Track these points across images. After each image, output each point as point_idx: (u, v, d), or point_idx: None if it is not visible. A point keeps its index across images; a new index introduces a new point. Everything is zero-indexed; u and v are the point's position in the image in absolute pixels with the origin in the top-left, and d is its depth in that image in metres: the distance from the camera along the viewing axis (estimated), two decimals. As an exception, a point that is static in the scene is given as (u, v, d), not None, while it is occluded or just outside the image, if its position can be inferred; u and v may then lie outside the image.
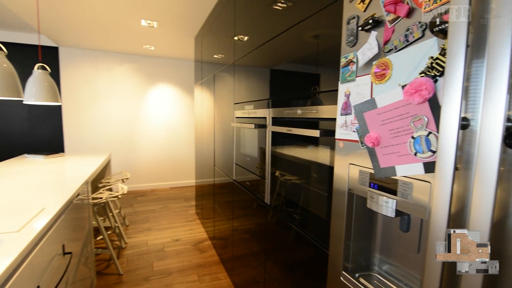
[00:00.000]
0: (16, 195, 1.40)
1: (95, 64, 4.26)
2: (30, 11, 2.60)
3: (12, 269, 0.78)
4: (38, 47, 2.83)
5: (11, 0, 2.36)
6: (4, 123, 3.85)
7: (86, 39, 3.65)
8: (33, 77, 2.02)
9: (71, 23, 2.98)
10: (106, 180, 2.78)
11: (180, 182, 4.98)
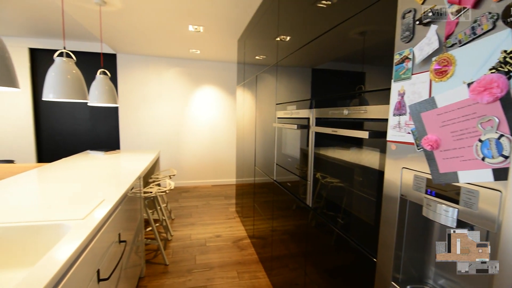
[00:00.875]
0: (81, 187, 1.57)
1: (147, 68, 4.61)
2: (95, 23, 2.91)
3: (79, 252, 0.88)
4: (100, 55, 3.14)
5: (80, 13, 2.67)
6: (72, 123, 4.37)
7: (140, 46, 3.96)
8: (96, 81, 2.26)
9: (128, 32, 3.27)
10: (155, 176, 2.99)
11: (221, 180, 5.14)
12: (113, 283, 1.26)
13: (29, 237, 1.02)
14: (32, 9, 2.91)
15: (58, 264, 0.75)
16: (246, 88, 2.96)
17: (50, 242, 1.01)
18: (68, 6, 2.47)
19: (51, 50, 4.15)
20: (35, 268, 0.73)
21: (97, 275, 1.04)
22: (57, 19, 3.20)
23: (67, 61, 1.64)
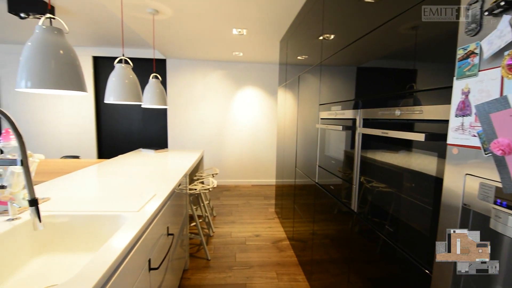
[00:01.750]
0: (135, 182, 1.72)
1: (193, 72, 4.86)
2: (148, 31, 3.16)
3: (134, 241, 0.96)
4: (153, 60, 3.39)
5: (135, 23, 2.91)
6: (127, 123, 4.80)
7: (187, 51, 4.19)
8: (149, 85, 2.45)
9: (177, 38, 3.48)
10: (199, 174, 3.13)
11: (260, 181, 5.19)
12: (161, 272, 1.36)
13: (92, 225, 1.14)
14: (96, 22, 3.26)
15: (117, 251, 0.82)
16: (287, 89, 2.94)
17: (110, 231, 1.12)
18: (126, 17, 2.72)
19: (110, 57, 4.60)
20: (98, 253, 0.81)
21: (148, 264, 1.12)
22: (117, 30, 3.54)
23: (125, 67, 1.81)
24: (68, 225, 1.13)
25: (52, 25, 1.06)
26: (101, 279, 0.70)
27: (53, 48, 1.02)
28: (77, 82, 1.06)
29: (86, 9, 2.88)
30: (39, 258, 1.07)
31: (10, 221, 1.04)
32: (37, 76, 0.99)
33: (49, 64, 1.00)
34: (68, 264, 1.06)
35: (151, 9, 2.46)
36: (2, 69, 4.59)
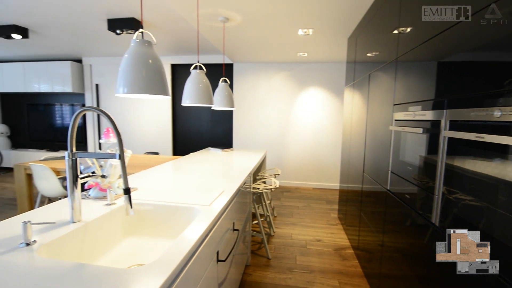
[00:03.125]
0: (205, 178, 1.85)
1: (258, 74, 5.00)
2: (219, 38, 3.38)
3: (206, 233, 1.03)
4: (223, 65, 3.61)
5: (208, 32, 3.15)
6: (197, 124, 5.23)
7: (253, 54, 4.34)
8: (219, 88, 2.62)
9: (244, 43, 3.63)
10: (262, 174, 3.20)
11: (322, 184, 5.03)
12: (227, 265, 1.43)
13: (171, 214, 1.27)
14: (175, 33, 3.64)
15: (193, 240, 0.90)
16: (355, 89, 2.78)
17: (185, 221, 1.24)
18: (200, 27, 2.96)
19: (185, 64, 5.08)
20: (177, 240, 0.90)
21: (216, 255, 1.20)
22: (191, 39, 3.88)
23: (200, 73, 1.97)
24: (151, 213, 1.29)
25: (143, 38, 1.22)
26: (180, 263, 0.78)
27: (144, 58, 1.18)
28: (162, 87, 1.20)
29: (167, 22, 3.24)
30: (128, 239, 1.25)
31: (108, 205, 1.23)
32: (131, 83, 1.16)
33: (140, 73, 1.16)
34: (150, 247, 1.21)
35: (222, 17, 2.62)
36: (100, 78, 5.50)
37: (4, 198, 4.11)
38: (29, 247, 0.84)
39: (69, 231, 0.97)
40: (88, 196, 1.31)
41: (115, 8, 2.87)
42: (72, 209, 1.02)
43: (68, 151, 0.97)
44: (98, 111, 0.95)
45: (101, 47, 4.60)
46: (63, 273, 0.71)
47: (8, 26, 3.49)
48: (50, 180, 2.58)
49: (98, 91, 5.51)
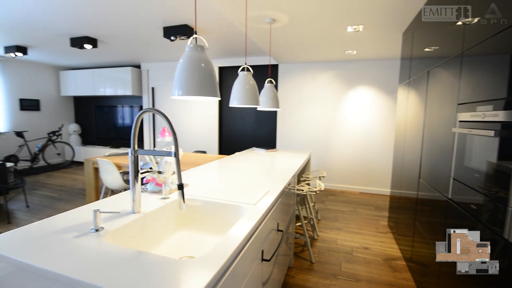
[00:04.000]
0: (250, 177, 1.89)
1: (303, 74, 4.93)
2: (265, 40, 3.41)
3: (253, 231, 1.05)
4: (269, 66, 3.65)
5: (255, 34, 3.20)
6: (242, 124, 5.35)
7: (298, 55, 4.29)
8: (264, 89, 2.65)
9: (290, 43, 3.61)
10: (306, 175, 3.15)
11: (370, 189, 4.75)
12: (271, 265, 1.44)
13: (218, 211, 1.33)
14: (223, 37, 3.78)
15: (240, 237, 0.93)
16: (411, 87, 2.57)
17: (232, 218, 1.28)
18: (248, 29, 3.03)
19: (231, 66, 5.24)
20: (225, 237, 0.94)
21: (261, 254, 1.21)
22: (238, 42, 3.98)
23: (247, 74, 2.02)
24: (200, 208, 1.36)
25: (197, 43, 1.29)
26: (228, 260, 0.81)
27: (197, 62, 1.25)
28: (213, 89, 1.25)
29: (216, 27, 3.38)
30: (179, 232, 1.33)
31: (163, 199, 1.33)
32: (185, 86, 1.23)
33: (194, 76, 1.23)
34: (199, 240, 1.28)
35: (269, 18, 2.65)
36: (156, 82, 5.96)
37: (75, 188, 4.71)
38: (97, 233, 0.95)
39: (130, 220, 1.07)
40: (146, 189, 1.44)
41: (170, 17, 3.09)
42: (133, 200, 1.12)
43: (131, 148, 1.07)
44: (157, 112, 1.03)
45: (157, 53, 4.98)
46: (126, 258, 0.79)
47: (81, 38, 3.99)
48: (113, 174, 2.88)
49: (154, 93, 5.98)
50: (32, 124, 6.29)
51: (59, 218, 1.06)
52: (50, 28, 3.65)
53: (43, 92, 6.52)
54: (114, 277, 0.69)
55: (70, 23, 3.42)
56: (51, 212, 3.53)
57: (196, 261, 0.79)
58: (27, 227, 0.97)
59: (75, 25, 3.47)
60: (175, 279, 0.70)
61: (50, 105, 6.69)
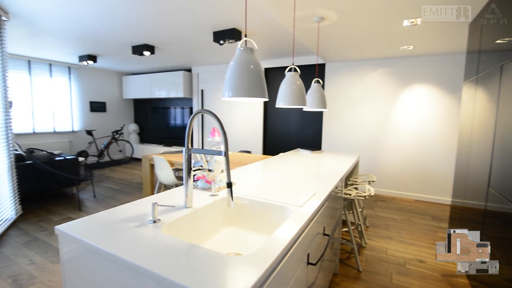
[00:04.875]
0: (295, 178, 1.87)
1: (351, 73, 4.71)
2: (312, 39, 3.35)
3: (300, 233, 1.04)
4: (316, 66, 3.57)
5: (302, 34, 3.16)
6: (286, 125, 5.33)
7: (347, 53, 4.12)
8: (311, 89, 2.60)
9: (338, 41, 3.49)
10: (353, 179, 3.01)
11: (427, 197, 4.33)
12: (316, 269, 1.41)
13: (264, 211, 1.34)
14: (269, 39, 3.81)
15: (287, 238, 0.93)
16: (479, 84, 2.28)
17: (278, 219, 1.28)
18: (295, 29, 3.01)
19: (276, 67, 5.24)
20: (271, 237, 0.94)
21: (307, 258, 1.19)
22: (284, 42, 3.98)
23: (294, 75, 2.01)
24: (247, 207, 1.39)
25: (247, 45, 1.33)
26: (275, 260, 0.81)
27: (246, 64, 1.28)
28: (261, 90, 1.27)
29: (263, 29, 3.42)
30: (227, 229, 1.38)
31: (212, 196, 1.39)
32: (235, 88, 1.27)
33: (243, 78, 1.26)
34: (245, 238, 1.30)
35: (317, 17, 2.59)
36: (204, 84, 6.25)
37: (133, 182, 5.18)
38: (155, 224, 1.03)
39: (183, 214, 1.14)
40: (196, 186, 1.52)
41: (219, 22, 3.22)
42: (186, 196, 1.20)
43: (185, 147, 1.14)
44: (209, 113, 1.08)
45: (206, 57, 5.23)
46: (180, 249, 0.84)
47: (141, 46, 4.38)
48: (166, 170, 3.11)
49: (203, 95, 6.29)
50: (99, 124, 7.10)
51: (122, 209, 1.18)
52: (115, 38, 4.08)
53: (109, 95, 7.33)
54: (169, 266, 0.75)
55: (132, 33, 3.78)
56: (113, 202, 3.95)
57: (243, 258, 0.81)
58: (96, 215, 1.10)
59: (136, 34, 3.83)
60: (223, 274, 0.73)
61: (114, 106, 7.49)
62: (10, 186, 3.26)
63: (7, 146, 3.25)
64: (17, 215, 3.38)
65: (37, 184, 3.78)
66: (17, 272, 2.24)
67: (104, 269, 0.86)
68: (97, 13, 3.08)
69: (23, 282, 2.11)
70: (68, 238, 0.95)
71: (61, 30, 3.73)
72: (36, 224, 3.18)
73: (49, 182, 3.90)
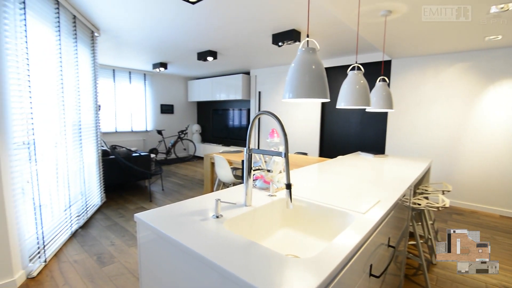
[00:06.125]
0: (356, 183, 1.76)
1: (422, 70, 4.25)
2: (377, 35, 3.13)
3: (363, 242, 0.98)
4: (382, 63, 3.33)
5: (365, 30, 2.98)
6: (346, 126, 5.07)
7: (418, 47, 3.73)
8: (376, 88, 2.43)
9: (408, 35, 3.18)
10: (424, 187, 2.70)
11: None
12: (379, 282, 1.31)
13: (323, 215, 1.30)
14: (328, 37, 3.69)
15: (348, 247, 0.88)
16: None
17: (337, 225, 1.23)
18: (359, 25, 2.85)
19: (334, 67, 5.04)
20: (331, 244, 0.91)
21: (369, 269, 1.12)
22: (345, 41, 3.80)
23: (357, 73, 1.90)
24: (304, 210, 1.37)
25: (308, 46, 1.31)
26: (336, 268, 0.78)
27: (307, 65, 1.26)
28: (323, 91, 1.24)
29: (322, 28, 3.33)
30: (284, 230, 1.38)
31: (270, 196, 1.41)
32: (295, 89, 1.27)
33: (304, 78, 1.25)
34: (303, 242, 1.28)
35: (384, 10, 2.41)
36: (262, 86, 6.36)
37: (195, 178, 5.57)
38: (218, 219, 1.09)
39: (243, 212, 1.18)
40: (255, 186, 1.56)
41: (279, 24, 3.25)
42: (245, 194, 1.24)
43: (246, 147, 1.18)
44: (270, 115, 1.10)
45: (264, 59, 5.33)
46: (241, 245, 0.87)
47: (205, 52, 4.69)
48: (225, 168, 3.26)
49: (260, 97, 6.43)
50: (168, 124, 7.86)
51: (188, 203, 1.28)
52: (183, 46, 4.45)
53: (176, 98, 8.05)
54: (231, 260, 0.78)
55: (197, 40, 4.07)
56: (178, 196, 4.31)
57: (302, 261, 0.80)
58: (166, 207, 1.21)
59: (201, 41, 4.11)
60: (282, 274, 0.73)
61: (180, 109, 8.20)
62: (97, 177, 3.82)
63: (96, 143, 3.82)
64: (102, 202, 3.95)
65: (117, 176, 4.36)
66: (101, 251, 2.61)
67: (172, 256, 0.94)
68: (168, 24, 3.40)
69: (105, 260, 2.45)
70: (144, 225, 1.07)
71: (139, 41, 4.24)
72: (116, 211, 3.67)
73: (127, 175, 4.45)
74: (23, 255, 2.13)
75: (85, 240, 2.82)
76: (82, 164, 3.29)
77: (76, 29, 3.09)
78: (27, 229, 2.20)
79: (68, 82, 2.92)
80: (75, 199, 3.10)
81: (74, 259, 2.45)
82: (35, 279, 2.14)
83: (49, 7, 2.54)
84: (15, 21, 2.06)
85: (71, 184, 2.98)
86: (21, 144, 2.12)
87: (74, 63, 3.08)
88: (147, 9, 2.95)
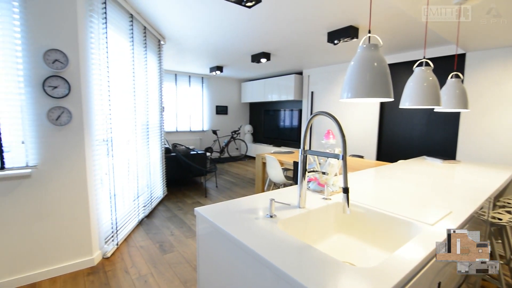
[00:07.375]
0: (422, 191, 1.60)
1: (504, 63, 3.65)
2: (448, 26, 2.79)
3: (432, 256, 0.89)
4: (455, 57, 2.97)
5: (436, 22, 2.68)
6: (408, 128, 4.64)
7: (498, 38, 3.21)
8: (446, 86, 2.17)
9: (487, 24, 2.76)
10: (506, 200, 2.32)
11: None
12: (448, 303, 1.17)
13: (383, 223, 1.21)
14: (389, 32, 3.42)
15: (414, 262, 0.81)
16: None
17: (400, 235, 1.14)
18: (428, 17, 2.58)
19: (395, 63, 4.64)
20: (394, 254, 0.84)
21: (437, 287, 1.01)
22: (408, 34, 3.48)
23: (425, 70, 1.72)
24: (362, 216, 1.29)
25: (369, 42, 1.23)
26: (401, 281, 0.72)
27: (368, 62, 1.19)
28: (386, 90, 1.16)
29: (384, 22, 3.11)
30: (338, 235, 1.33)
31: (324, 199, 1.37)
32: (354, 88, 1.21)
33: (364, 77, 1.18)
34: (359, 249, 1.22)
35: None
36: (314, 86, 6.21)
37: (246, 177, 5.72)
38: (272, 218, 1.10)
39: (297, 213, 1.17)
40: (308, 188, 1.53)
41: (335, 21, 3.13)
42: (299, 196, 1.23)
43: (301, 148, 1.17)
44: (328, 115, 1.07)
45: (317, 58, 5.20)
46: (295, 246, 0.87)
47: (258, 54, 4.78)
48: (277, 169, 3.28)
49: (313, 97, 6.29)
50: (222, 125, 8.24)
51: (242, 201, 1.32)
52: (237, 49, 4.60)
53: (230, 100, 8.39)
54: (285, 260, 0.78)
55: (252, 43, 4.17)
56: (230, 193, 4.47)
57: (360, 270, 0.76)
58: (222, 204, 1.27)
59: (255, 44, 4.20)
60: (338, 281, 0.70)
61: (234, 110, 8.52)
62: (161, 171, 4.20)
63: (160, 141, 4.20)
64: (164, 194, 4.32)
65: (177, 172, 4.72)
66: (163, 239, 2.86)
67: (227, 250, 0.99)
68: (226, 29, 3.56)
69: (166, 248, 2.67)
70: (202, 219, 1.14)
71: (199, 47, 4.52)
72: (175, 204, 3.98)
73: (186, 171, 4.80)
74: (101, 237, 2.45)
75: (149, 228, 3.12)
76: (149, 159, 3.65)
77: (146, 38, 3.44)
78: (104, 215, 2.53)
79: (139, 86, 3.27)
80: (142, 191, 3.46)
81: (140, 245, 2.73)
82: (109, 259, 2.45)
83: (125, 21, 2.89)
84: (98, 34, 2.39)
85: (139, 177, 3.33)
86: (101, 141, 2.45)
87: (144, 69, 3.44)
88: (210, 17, 3.13)
